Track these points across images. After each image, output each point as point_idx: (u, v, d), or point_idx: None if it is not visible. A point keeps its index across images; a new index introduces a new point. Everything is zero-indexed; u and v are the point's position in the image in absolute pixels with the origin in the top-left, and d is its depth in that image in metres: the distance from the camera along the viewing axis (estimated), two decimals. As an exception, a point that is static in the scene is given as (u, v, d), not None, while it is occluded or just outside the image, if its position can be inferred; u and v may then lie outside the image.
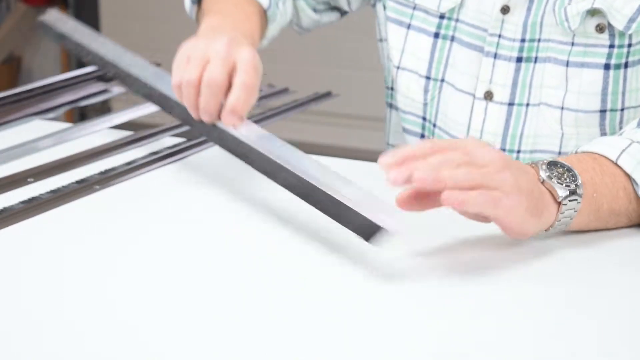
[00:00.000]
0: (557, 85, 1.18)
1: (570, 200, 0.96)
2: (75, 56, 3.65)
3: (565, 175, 0.97)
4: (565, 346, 0.83)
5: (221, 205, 1.10)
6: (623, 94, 1.16)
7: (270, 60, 1.58)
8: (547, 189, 0.96)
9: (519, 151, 1.21)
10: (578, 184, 0.97)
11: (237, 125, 1.07)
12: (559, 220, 0.97)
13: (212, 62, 1.07)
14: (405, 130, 1.31)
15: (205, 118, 1.09)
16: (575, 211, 0.97)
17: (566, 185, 0.96)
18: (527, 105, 1.20)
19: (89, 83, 1.54)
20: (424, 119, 1.28)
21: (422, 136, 1.29)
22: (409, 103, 1.29)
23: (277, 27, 1.32)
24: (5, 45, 3.64)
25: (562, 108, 1.18)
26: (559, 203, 0.96)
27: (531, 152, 1.20)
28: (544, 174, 0.96)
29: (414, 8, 1.26)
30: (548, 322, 0.87)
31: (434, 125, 1.27)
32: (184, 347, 0.82)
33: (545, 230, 0.97)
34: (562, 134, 1.19)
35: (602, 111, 1.17)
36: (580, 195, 0.97)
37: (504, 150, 1.21)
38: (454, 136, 1.24)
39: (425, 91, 1.26)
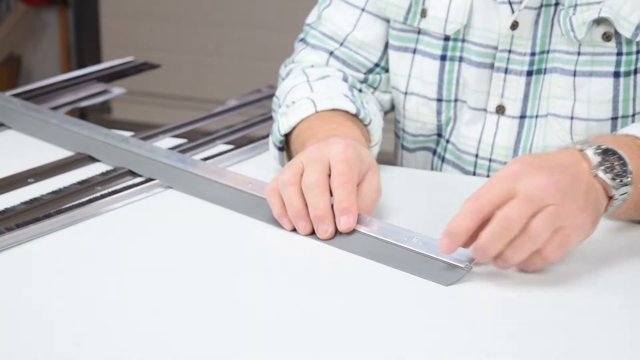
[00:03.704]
0: (564, 96, 1.17)
1: (621, 194, 0.96)
2: (75, 54, 3.66)
3: (617, 165, 0.96)
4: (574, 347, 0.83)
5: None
6: (634, 100, 1.16)
7: (270, 61, 1.58)
8: (600, 182, 0.96)
9: None
10: (628, 175, 0.96)
11: (352, 226, 1.01)
12: (607, 211, 0.97)
13: (306, 167, 1.03)
14: (414, 149, 1.30)
15: (320, 223, 1.01)
16: (623, 201, 0.97)
17: (619, 180, 0.96)
18: (536, 117, 1.19)
19: (89, 83, 1.54)
20: (439, 135, 1.27)
21: (435, 152, 1.29)
22: (419, 127, 1.27)
23: (377, 128, 1.24)
24: (5, 45, 3.64)
25: (572, 118, 1.17)
26: (610, 197, 0.96)
27: None
28: (597, 166, 0.95)
29: (419, 32, 1.25)
30: (555, 324, 0.87)
31: (447, 142, 1.26)
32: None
33: None
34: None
35: (614, 119, 1.17)
36: (630, 185, 0.97)
37: None
38: (463, 151, 1.24)
39: (438, 113, 1.25)
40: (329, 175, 1.03)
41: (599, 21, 1.13)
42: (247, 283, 0.93)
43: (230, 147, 1.29)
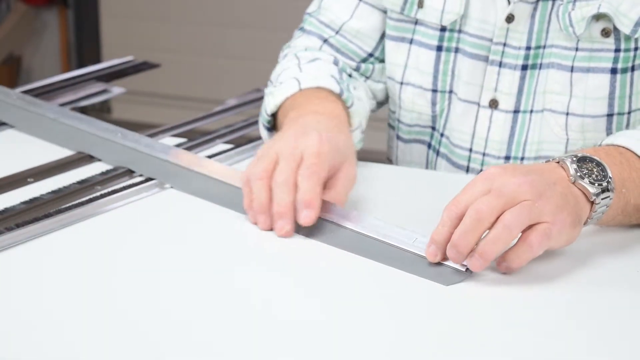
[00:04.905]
0: (561, 91, 1.17)
1: (602, 198, 0.96)
2: (75, 54, 3.66)
3: (595, 170, 0.96)
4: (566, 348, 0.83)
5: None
6: (630, 97, 1.16)
7: (270, 61, 1.59)
8: (579, 189, 0.96)
9: (522, 158, 1.20)
10: (609, 179, 0.97)
11: (313, 220, 1.01)
12: (591, 218, 0.97)
13: (280, 161, 1.04)
14: (408, 140, 1.30)
15: (279, 219, 1.02)
16: (607, 207, 0.97)
17: (598, 184, 0.96)
18: (531, 112, 1.19)
19: (89, 83, 1.54)
20: (433, 128, 1.27)
21: (429, 145, 1.29)
22: (415, 117, 1.28)
23: (358, 113, 1.22)
24: (5, 45, 3.64)
25: (567, 114, 1.17)
26: (592, 202, 0.96)
27: (535, 158, 1.20)
28: (574, 173, 0.96)
29: (416, 23, 1.25)
30: (551, 323, 0.87)
31: (442, 135, 1.26)
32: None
33: None
34: (568, 140, 1.18)
35: (609, 115, 1.17)
36: (611, 191, 0.97)
37: (508, 158, 1.21)
38: (457, 145, 1.24)
39: (433, 104, 1.25)
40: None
41: (598, 17, 1.13)
42: (246, 283, 0.93)
43: (229, 146, 1.29)
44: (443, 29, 1.22)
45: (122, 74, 1.61)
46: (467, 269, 0.94)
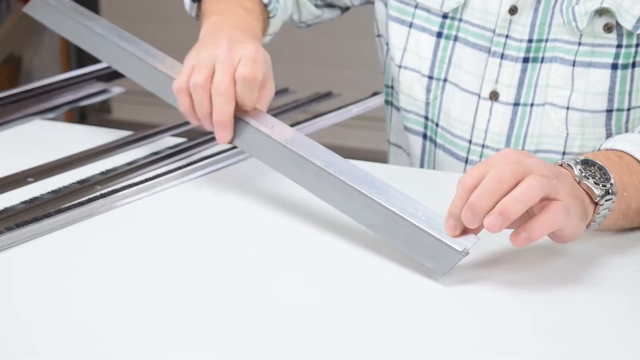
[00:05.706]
0: (563, 85, 1.18)
1: (606, 200, 0.96)
2: (75, 54, 3.66)
3: (598, 174, 0.96)
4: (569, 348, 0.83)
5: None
6: (630, 93, 1.17)
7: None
8: (584, 189, 0.95)
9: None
10: (612, 182, 0.96)
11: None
12: (594, 221, 0.97)
13: (217, 69, 1.09)
14: (406, 128, 1.31)
15: (219, 128, 1.10)
16: (609, 210, 0.97)
17: (602, 185, 0.96)
18: (532, 105, 1.20)
19: (89, 83, 1.54)
20: (426, 118, 1.28)
21: (425, 136, 1.29)
22: (411, 102, 1.29)
23: (278, 22, 1.31)
24: (5, 45, 3.64)
25: (568, 108, 1.18)
26: (596, 203, 0.96)
27: (535, 152, 1.20)
28: (579, 174, 0.95)
29: (416, 7, 1.26)
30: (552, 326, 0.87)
31: (437, 125, 1.27)
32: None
33: None
34: (567, 134, 1.19)
35: (609, 111, 1.17)
36: (614, 194, 0.96)
37: None
38: (456, 135, 1.24)
39: (428, 90, 1.26)
40: None
41: (600, 12, 1.14)
42: (245, 282, 0.93)
43: (229, 145, 1.29)
44: (445, 16, 1.23)
45: (122, 74, 1.61)
46: (464, 249, 0.92)
